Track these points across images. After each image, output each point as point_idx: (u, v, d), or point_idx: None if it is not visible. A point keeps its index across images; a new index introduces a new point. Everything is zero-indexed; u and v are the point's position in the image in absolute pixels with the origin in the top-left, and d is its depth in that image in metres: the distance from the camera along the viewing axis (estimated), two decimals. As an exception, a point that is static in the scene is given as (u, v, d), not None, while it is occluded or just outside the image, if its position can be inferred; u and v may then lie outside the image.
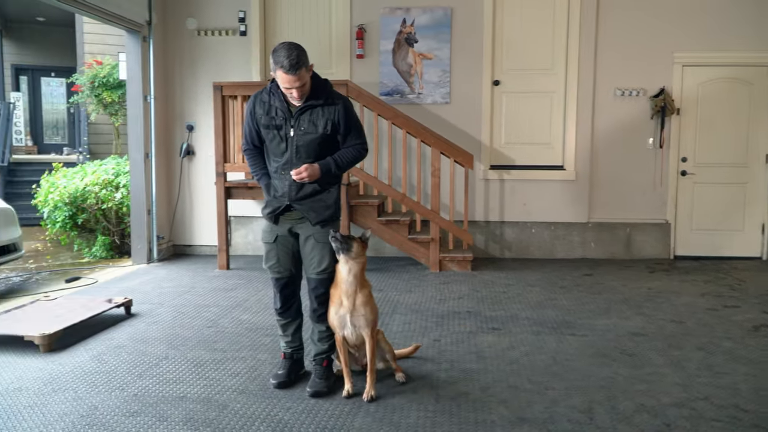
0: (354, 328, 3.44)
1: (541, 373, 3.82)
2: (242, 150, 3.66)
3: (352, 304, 3.40)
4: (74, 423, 3.14)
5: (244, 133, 3.61)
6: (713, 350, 4.23)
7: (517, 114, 7.50)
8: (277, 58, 3.23)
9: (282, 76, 3.26)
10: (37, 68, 14.52)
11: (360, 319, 3.41)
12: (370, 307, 3.45)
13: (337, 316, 3.44)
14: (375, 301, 3.57)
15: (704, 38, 7.19)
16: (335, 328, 3.48)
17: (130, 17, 6.74)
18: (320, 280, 3.53)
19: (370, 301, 3.46)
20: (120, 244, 7.91)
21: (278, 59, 3.22)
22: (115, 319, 4.93)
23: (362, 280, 3.45)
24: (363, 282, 3.46)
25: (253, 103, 3.50)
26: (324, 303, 3.52)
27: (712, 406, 3.32)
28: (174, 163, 7.68)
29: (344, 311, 3.41)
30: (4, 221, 6.20)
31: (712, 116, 7.32)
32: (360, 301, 3.41)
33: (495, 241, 7.56)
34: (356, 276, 3.40)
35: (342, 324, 3.44)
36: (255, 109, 3.48)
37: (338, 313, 3.43)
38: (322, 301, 3.53)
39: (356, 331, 3.45)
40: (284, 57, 3.20)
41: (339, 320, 3.44)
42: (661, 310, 5.25)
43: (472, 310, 5.23)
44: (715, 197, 7.39)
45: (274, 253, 3.58)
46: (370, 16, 7.38)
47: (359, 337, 3.48)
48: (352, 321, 3.43)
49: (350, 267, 3.40)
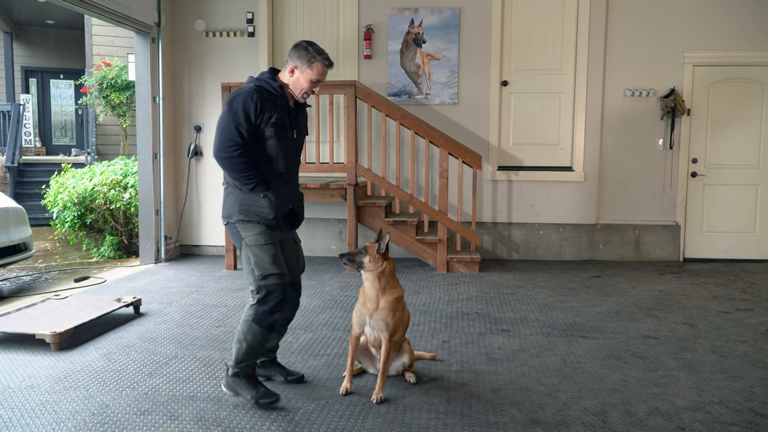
0: (372, 330, 3.47)
1: (553, 375, 3.79)
2: (231, 150, 3.22)
3: (374, 306, 3.45)
4: (86, 421, 3.13)
5: (234, 132, 3.22)
6: (727, 353, 4.19)
7: (526, 115, 7.48)
8: (317, 50, 3.32)
9: (321, 69, 3.33)
10: (46, 70, 14.56)
11: (379, 322, 3.44)
12: (392, 313, 3.44)
13: (358, 313, 3.51)
14: (407, 310, 3.63)
15: (715, 37, 7.15)
16: (354, 324, 3.53)
17: (139, 19, 6.75)
18: (300, 282, 3.63)
19: (393, 307, 3.46)
20: (128, 244, 7.92)
21: (319, 51, 3.32)
22: (125, 318, 4.93)
23: (386, 285, 3.47)
24: (388, 287, 3.48)
25: (256, 100, 3.23)
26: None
27: (727, 410, 3.29)
28: (182, 163, 7.69)
29: (366, 311, 3.47)
30: (15, 221, 6.22)
31: (724, 117, 7.28)
32: (381, 305, 3.43)
33: (503, 243, 7.53)
34: (373, 282, 3.45)
35: (361, 322, 3.49)
36: (259, 106, 3.24)
37: (360, 311, 3.50)
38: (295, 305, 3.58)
39: (374, 333, 3.48)
40: (322, 50, 3.34)
41: (359, 318, 3.50)
42: (672, 312, 5.21)
43: (481, 312, 5.20)
44: (727, 199, 7.34)
45: (282, 258, 3.39)
46: (378, 17, 7.38)
47: (378, 339, 3.50)
48: (371, 323, 3.46)
49: (367, 275, 3.46)
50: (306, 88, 3.36)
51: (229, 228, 3.41)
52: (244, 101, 3.24)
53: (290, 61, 3.35)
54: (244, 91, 3.28)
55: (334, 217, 7.54)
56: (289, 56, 3.37)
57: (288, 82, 3.37)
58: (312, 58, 3.30)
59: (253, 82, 3.33)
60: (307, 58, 3.31)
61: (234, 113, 3.23)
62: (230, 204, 3.37)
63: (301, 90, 3.37)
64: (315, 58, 3.30)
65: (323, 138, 7.20)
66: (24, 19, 13.96)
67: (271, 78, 3.36)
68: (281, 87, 3.36)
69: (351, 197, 6.60)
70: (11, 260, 6.14)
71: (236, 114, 3.22)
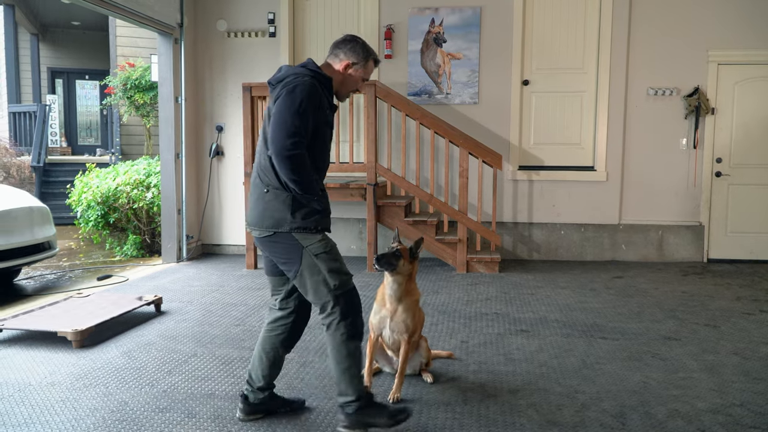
0: (392, 332, 3.44)
1: (571, 376, 3.76)
2: (297, 147, 2.80)
3: (395, 309, 3.41)
4: (105, 418, 3.17)
5: (298, 126, 2.80)
6: (749, 355, 4.12)
7: (547, 114, 7.42)
8: (367, 48, 3.07)
9: (371, 68, 3.11)
10: (72, 71, 14.80)
11: (400, 324, 3.41)
12: (412, 315, 3.42)
13: (377, 316, 3.46)
14: (422, 310, 3.60)
15: (740, 35, 7.03)
16: (373, 328, 3.47)
17: (162, 20, 6.82)
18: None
19: (413, 309, 3.44)
20: (150, 243, 8.01)
21: (369, 50, 3.08)
22: (146, 317, 4.98)
23: (408, 288, 3.43)
24: (409, 290, 3.44)
25: (320, 93, 2.90)
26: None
27: (749, 413, 3.23)
28: (204, 163, 7.76)
29: (386, 313, 3.43)
30: (40, 220, 6.32)
31: (749, 116, 7.15)
32: (402, 308, 3.41)
33: (523, 243, 7.48)
34: (400, 284, 3.40)
35: (381, 325, 3.46)
36: (322, 101, 2.90)
37: (379, 313, 3.46)
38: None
39: (393, 336, 3.45)
40: (370, 48, 3.11)
41: (379, 321, 3.46)
42: (694, 313, 5.13)
43: (500, 312, 5.17)
44: (752, 199, 7.21)
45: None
46: (399, 17, 7.37)
47: (396, 342, 3.47)
48: (391, 326, 3.42)
49: (395, 278, 3.39)
50: (356, 86, 3.12)
51: (276, 238, 2.91)
52: (310, 93, 2.84)
53: (342, 57, 3.03)
54: (305, 81, 2.86)
55: (354, 216, 7.55)
56: (339, 51, 3.04)
57: (337, 79, 3.04)
58: (368, 55, 3.05)
59: (308, 74, 2.91)
60: (363, 55, 3.04)
61: (298, 105, 2.80)
62: (278, 210, 2.88)
63: (351, 88, 3.12)
64: (370, 55, 3.06)
65: (343, 137, 7.22)
66: (50, 21, 14.21)
67: (321, 71, 3.00)
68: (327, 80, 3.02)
69: (371, 197, 6.60)
70: (35, 259, 6.25)
71: (300, 106, 2.80)
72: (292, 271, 2.92)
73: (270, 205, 2.90)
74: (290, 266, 2.92)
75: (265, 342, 3.12)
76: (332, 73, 3.04)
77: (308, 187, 2.86)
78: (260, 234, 2.95)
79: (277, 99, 2.86)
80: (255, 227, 2.96)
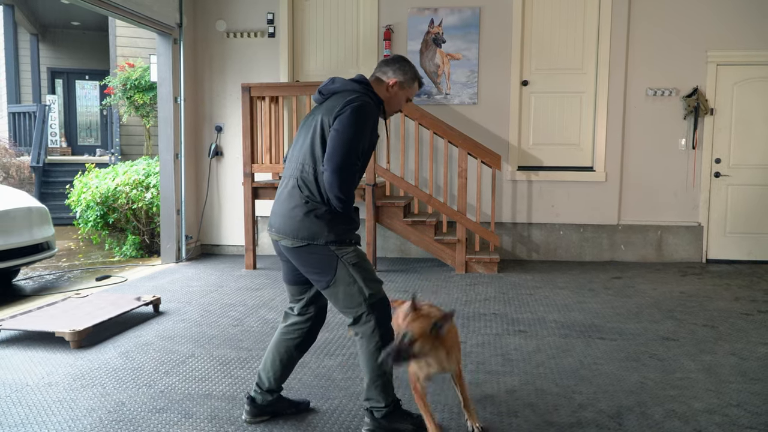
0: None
1: (569, 376, 3.76)
2: (355, 166, 2.84)
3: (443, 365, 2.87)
4: (101, 418, 3.17)
5: (356, 147, 2.81)
6: (747, 356, 4.12)
7: (546, 114, 7.42)
8: (414, 69, 3.09)
9: (416, 89, 3.12)
10: (72, 71, 14.81)
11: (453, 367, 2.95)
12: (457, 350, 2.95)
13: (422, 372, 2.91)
14: (453, 325, 2.95)
15: (739, 36, 7.03)
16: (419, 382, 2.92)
17: (161, 20, 6.83)
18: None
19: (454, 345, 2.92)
20: (149, 243, 8.02)
21: (416, 72, 3.10)
22: (144, 317, 4.99)
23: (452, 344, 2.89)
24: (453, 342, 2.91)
25: (375, 113, 2.93)
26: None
27: (746, 413, 3.23)
28: (203, 163, 7.76)
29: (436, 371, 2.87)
30: (38, 220, 6.33)
31: (748, 116, 7.15)
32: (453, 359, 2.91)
33: (522, 243, 7.48)
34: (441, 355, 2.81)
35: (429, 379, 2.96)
36: (376, 122, 2.94)
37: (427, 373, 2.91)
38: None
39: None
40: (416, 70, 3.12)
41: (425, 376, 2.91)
42: (692, 314, 5.13)
43: (498, 312, 5.18)
44: (751, 200, 7.21)
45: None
46: (398, 17, 7.37)
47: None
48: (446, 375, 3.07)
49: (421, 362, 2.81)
50: (400, 106, 3.11)
51: (311, 249, 2.86)
52: (372, 114, 2.89)
53: (391, 75, 3.03)
54: (368, 102, 2.90)
55: (353, 217, 7.53)
56: (388, 69, 3.05)
57: (383, 97, 3.04)
58: (415, 76, 3.07)
59: (365, 94, 2.94)
60: (411, 75, 3.05)
61: (362, 126, 2.82)
62: (316, 224, 2.85)
63: (396, 108, 3.11)
64: (417, 76, 3.08)
65: (342, 138, 7.20)
66: (49, 21, 14.22)
67: (369, 89, 2.99)
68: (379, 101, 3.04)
69: (369, 197, 6.60)
70: (34, 259, 6.25)
71: (363, 127, 2.83)
72: (323, 282, 2.88)
73: (308, 218, 2.86)
74: (322, 276, 2.88)
75: (280, 345, 3.11)
76: (380, 91, 3.04)
77: (349, 206, 2.88)
78: (292, 244, 2.89)
79: (339, 115, 2.82)
80: (287, 237, 2.89)
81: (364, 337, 2.89)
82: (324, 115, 2.89)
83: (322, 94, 3.03)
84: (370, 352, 2.89)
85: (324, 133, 2.86)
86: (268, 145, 6.77)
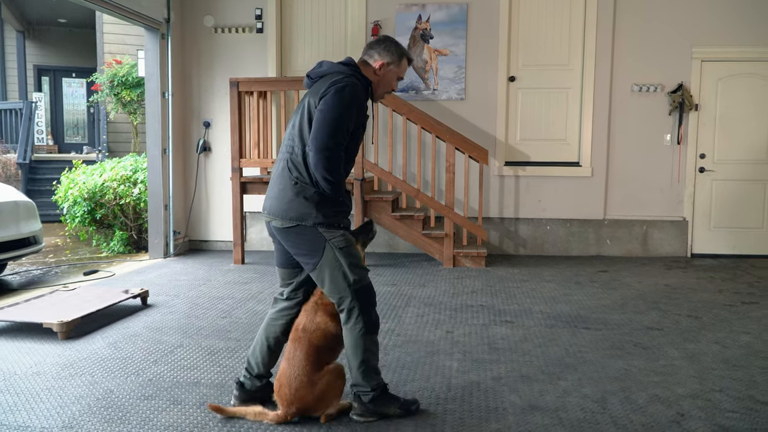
0: None
1: (554, 364, 3.80)
2: (339, 147, 2.84)
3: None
4: (90, 405, 3.18)
5: (340, 127, 2.82)
6: (730, 344, 4.18)
7: (533, 110, 7.48)
8: (400, 47, 3.11)
9: (405, 67, 3.13)
10: (58, 69, 14.74)
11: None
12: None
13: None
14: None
15: (723, 33, 7.12)
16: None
17: (148, 15, 6.82)
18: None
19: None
20: (137, 239, 8.00)
21: (403, 49, 3.12)
22: (132, 310, 4.98)
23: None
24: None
25: (361, 94, 2.94)
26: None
27: (727, 398, 3.29)
28: (191, 159, 7.76)
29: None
30: (26, 214, 6.30)
31: (732, 112, 7.24)
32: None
33: (509, 238, 7.53)
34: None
35: None
36: (363, 103, 2.95)
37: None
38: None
39: None
40: (403, 47, 3.14)
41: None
42: (677, 305, 5.20)
43: (486, 304, 5.22)
44: (735, 195, 7.30)
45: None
46: (386, 13, 7.40)
47: None
48: None
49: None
50: (390, 86, 3.13)
51: (299, 230, 2.89)
52: (357, 95, 2.89)
53: (377, 57, 3.06)
54: (354, 83, 2.90)
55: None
56: (373, 51, 3.08)
57: (372, 80, 3.06)
58: (402, 54, 3.08)
59: (352, 75, 2.95)
60: (398, 54, 3.07)
61: (346, 106, 2.83)
62: (304, 205, 2.87)
63: (387, 89, 3.13)
64: (404, 53, 3.10)
65: (330, 133, 7.22)
66: (36, 18, 14.15)
67: (362, 73, 3.02)
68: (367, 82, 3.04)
69: (357, 192, 6.62)
70: (21, 253, 6.22)
71: (348, 107, 2.84)
72: (311, 264, 2.91)
73: (297, 199, 2.89)
74: (309, 258, 2.91)
75: (268, 330, 3.15)
76: (368, 74, 3.06)
77: (338, 188, 2.88)
78: (282, 225, 2.92)
79: (323, 96, 2.85)
80: (277, 218, 2.93)
81: (349, 322, 2.92)
82: (311, 97, 2.94)
83: (310, 78, 3.07)
84: (354, 337, 2.92)
85: (311, 115, 2.89)
86: (257, 140, 6.77)
